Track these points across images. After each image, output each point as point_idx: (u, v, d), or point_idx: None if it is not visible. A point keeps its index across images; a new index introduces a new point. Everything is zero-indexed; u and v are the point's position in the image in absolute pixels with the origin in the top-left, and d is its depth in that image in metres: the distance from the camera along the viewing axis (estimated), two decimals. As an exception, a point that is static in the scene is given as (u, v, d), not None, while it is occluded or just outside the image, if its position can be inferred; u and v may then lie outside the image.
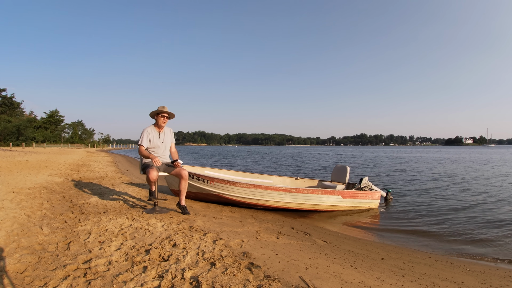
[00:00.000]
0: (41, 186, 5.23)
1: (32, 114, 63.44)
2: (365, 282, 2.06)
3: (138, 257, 2.13)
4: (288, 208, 4.84)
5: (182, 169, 3.71)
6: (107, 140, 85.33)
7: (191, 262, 2.07)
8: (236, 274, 1.92)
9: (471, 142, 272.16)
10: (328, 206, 5.03)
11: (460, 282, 2.37)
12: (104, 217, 3.26)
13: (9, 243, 2.31)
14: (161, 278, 1.80)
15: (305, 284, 1.87)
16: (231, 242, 2.64)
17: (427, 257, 3.06)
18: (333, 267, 2.33)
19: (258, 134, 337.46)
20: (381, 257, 2.91)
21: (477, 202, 6.13)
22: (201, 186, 4.66)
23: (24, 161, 11.23)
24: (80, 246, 2.34)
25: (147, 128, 3.79)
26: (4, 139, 42.69)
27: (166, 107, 3.82)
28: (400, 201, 6.19)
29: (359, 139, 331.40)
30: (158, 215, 3.49)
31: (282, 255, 2.45)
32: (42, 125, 57.45)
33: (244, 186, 4.60)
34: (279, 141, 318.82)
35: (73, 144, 58.77)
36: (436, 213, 5.19)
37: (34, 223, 2.92)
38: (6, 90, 54.17)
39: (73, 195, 4.56)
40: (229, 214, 4.16)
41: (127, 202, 4.27)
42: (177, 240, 2.54)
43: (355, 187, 5.71)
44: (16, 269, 1.89)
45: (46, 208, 3.56)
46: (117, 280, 1.77)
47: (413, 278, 2.34)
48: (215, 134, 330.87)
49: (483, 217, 4.89)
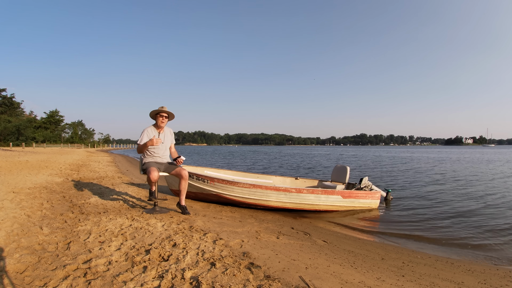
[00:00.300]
0: (41, 186, 5.23)
1: (32, 114, 63.56)
2: (365, 282, 2.06)
3: (138, 257, 2.13)
4: (288, 208, 4.84)
5: (182, 169, 3.71)
6: (107, 140, 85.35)
7: (191, 262, 2.07)
8: (236, 274, 1.92)
9: (471, 142, 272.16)
10: (328, 206, 5.03)
11: (460, 282, 2.37)
12: (104, 217, 3.26)
13: (9, 243, 2.31)
14: (161, 278, 1.80)
15: (305, 284, 1.87)
16: (231, 242, 2.64)
17: (427, 257, 3.06)
18: (333, 267, 2.33)
19: (258, 134, 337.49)
20: (381, 257, 2.91)
21: (478, 202, 6.13)
22: (201, 186, 4.66)
23: (24, 161, 11.23)
24: (80, 246, 2.34)
25: (147, 128, 3.78)
26: (4, 139, 42.70)
27: (166, 107, 3.81)
28: (400, 201, 6.18)
29: (359, 139, 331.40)
30: (158, 215, 3.49)
31: (282, 255, 2.45)
32: (42, 125, 57.47)
33: (244, 186, 4.60)
34: (279, 141, 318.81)
35: (73, 144, 58.79)
36: (436, 213, 5.18)
37: (34, 223, 2.92)
38: (6, 90, 54.29)
39: (73, 195, 4.56)
40: (229, 214, 4.16)
41: (127, 202, 4.27)
42: (177, 240, 2.54)
43: (355, 187, 5.71)
44: (16, 269, 1.89)
45: (46, 208, 3.56)
46: (117, 280, 1.77)
47: (413, 278, 2.34)
48: (215, 134, 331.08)
49: (484, 217, 4.89)
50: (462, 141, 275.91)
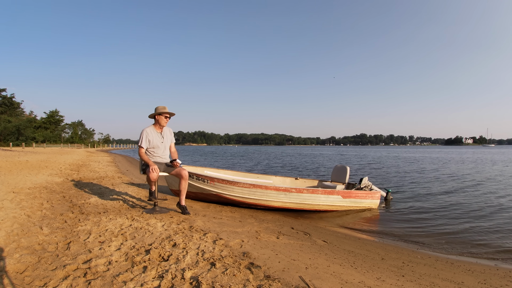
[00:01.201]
0: (41, 186, 5.23)
1: (32, 114, 63.51)
2: (365, 282, 2.06)
3: (138, 257, 2.13)
4: (288, 208, 4.84)
5: (182, 169, 3.71)
6: (107, 140, 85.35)
7: (191, 262, 2.07)
8: (236, 274, 1.92)
9: (471, 142, 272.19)
10: (328, 206, 5.03)
11: (460, 282, 2.37)
12: (104, 217, 3.26)
13: (9, 243, 2.31)
14: (161, 278, 1.80)
15: (305, 284, 1.87)
16: (231, 242, 2.63)
17: (427, 257, 3.06)
18: (333, 267, 2.33)
19: (258, 134, 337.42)
20: (381, 257, 2.91)
21: (478, 202, 6.13)
22: (201, 186, 4.66)
23: (24, 161, 11.23)
24: (80, 246, 2.34)
25: (146, 128, 3.78)
26: (4, 139, 42.68)
27: (166, 107, 3.81)
28: (400, 201, 6.18)
29: (359, 139, 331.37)
30: (158, 215, 3.49)
31: (282, 255, 2.45)
32: (42, 125, 57.46)
33: (244, 186, 4.60)
34: (279, 141, 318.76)
35: (73, 144, 58.79)
36: (436, 213, 5.18)
37: (34, 223, 2.92)
38: (6, 90, 54.27)
39: (73, 195, 4.56)
40: (229, 214, 4.16)
41: (127, 202, 4.27)
42: (177, 240, 2.54)
43: (355, 187, 5.71)
44: (16, 269, 1.89)
45: (46, 208, 3.56)
46: (117, 280, 1.77)
47: (413, 278, 2.34)
48: (215, 134, 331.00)
49: (484, 217, 4.89)
50: (462, 141, 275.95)
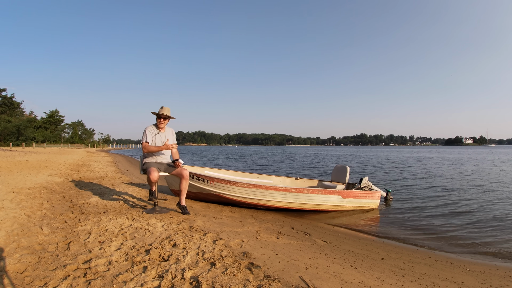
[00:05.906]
0: (41, 186, 5.23)
1: (32, 114, 63.45)
2: (365, 282, 2.06)
3: (138, 257, 2.13)
4: (288, 208, 4.84)
5: (183, 169, 3.71)
6: (107, 140, 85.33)
7: (191, 262, 2.07)
8: (236, 274, 1.92)
9: (471, 142, 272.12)
10: (328, 206, 5.03)
11: (460, 282, 2.37)
12: (104, 217, 3.26)
13: (9, 243, 2.31)
14: (161, 278, 1.80)
15: (305, 284, 1.87)
16: (231, 242, 2.64)
17: (427, 257, 3.06)
18: (333, 267, 2.33)
19: (258, 134, 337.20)
20: (381, 257, 2.91)
21: (478, 202, 6.13)
22: (201, 186, 4.66)
23: (24, 161, 11.23)
24: (80, 246, 2.34)
25: (148, 127, 3.80)
26: (4, 139, 42.66)
27: (166, 108, 3.81)
28: (401, 201, 6.18)
29: (359, 139, 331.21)
30: (158, 215, 3.49)
31: (282, 255, 2.45)
32: (42, 125, 57.44)
33: (244, 186, 4.60)
34: (279, 141, 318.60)
35: (73, 144, 58.77)
36: (436, 213, 5.18)
37: (34, 223, 2.92)
38: (6, 90, 54.22)
39: (73, 195, 4.56)
40: (229, 214, 4.16)
41: (127, 202, 4.27)
42: (177, 240, 2.54)
43: (355, 187, 5.71)
44: (16, 269, 1.89)
45: (46, 208, 3.56)
46: (117, 280, 1.77)
47: (413, 278, 2.34)
48: (215, 134, 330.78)
49: (484, 217, 4.88)
50: (462, 141, 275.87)
